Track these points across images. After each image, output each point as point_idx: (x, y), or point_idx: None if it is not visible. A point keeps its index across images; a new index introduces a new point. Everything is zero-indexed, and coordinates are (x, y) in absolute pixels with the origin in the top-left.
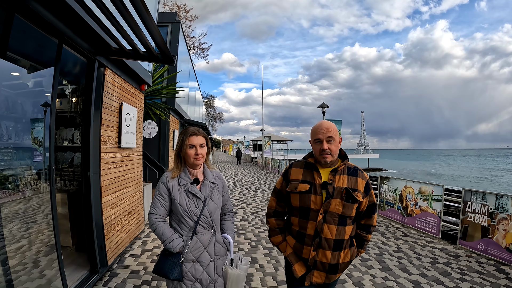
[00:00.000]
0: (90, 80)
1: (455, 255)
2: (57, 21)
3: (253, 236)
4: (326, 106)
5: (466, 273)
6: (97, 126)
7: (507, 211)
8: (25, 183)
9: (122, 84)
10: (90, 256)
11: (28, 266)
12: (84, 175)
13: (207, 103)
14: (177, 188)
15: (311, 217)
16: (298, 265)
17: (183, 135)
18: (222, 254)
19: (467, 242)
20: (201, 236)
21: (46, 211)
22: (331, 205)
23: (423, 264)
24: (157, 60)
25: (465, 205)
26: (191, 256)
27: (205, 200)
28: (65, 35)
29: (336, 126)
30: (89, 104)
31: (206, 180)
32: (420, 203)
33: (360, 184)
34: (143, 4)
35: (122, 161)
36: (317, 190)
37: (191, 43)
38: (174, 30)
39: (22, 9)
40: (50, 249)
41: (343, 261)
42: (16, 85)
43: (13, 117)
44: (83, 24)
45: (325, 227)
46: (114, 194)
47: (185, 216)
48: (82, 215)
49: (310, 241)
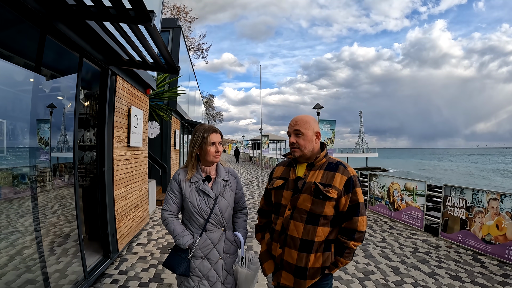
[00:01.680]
0: (104, 87)
1: (436, 245)
2: (79, 39)
3: (249, 228)
4: (321, 107)
5: (443, 261)
6: (110, 127)
7: (482, 205)
8: (51, 179)
9: (130, 90)
10: (103, 243)
11: (56, 249)
12: (100, 171)
13: (207, 102)
14: (188, 186)
15: (280, 212)
16: (268, 263)
17: (203, 132)
18: (232, 252)
19: (447, 234)
20: (211, 234)
21: (70, 203)
22: (298, 200)
23: (404, 253)
24: (164, 70)
25: (445, 199)
26: (200, 253)
27: (216, 198)
28: (85, 50)
29: (330, 126)
30: (104, 108)
31: (218, 178)
32: (406, 198)
33: (337, 180)
34: (154, 28)
35: (130, 159)
36: (289, 186)
37: (191, 44)
38: (175, 35)
39: (52, 31)
40: (73, 235)
41: (312, 265)
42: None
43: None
44: (100, 40)
45: (291, 224)
46: (124, 188)
47: (196, 213)
48: (97, 207)
49: (278, 237)
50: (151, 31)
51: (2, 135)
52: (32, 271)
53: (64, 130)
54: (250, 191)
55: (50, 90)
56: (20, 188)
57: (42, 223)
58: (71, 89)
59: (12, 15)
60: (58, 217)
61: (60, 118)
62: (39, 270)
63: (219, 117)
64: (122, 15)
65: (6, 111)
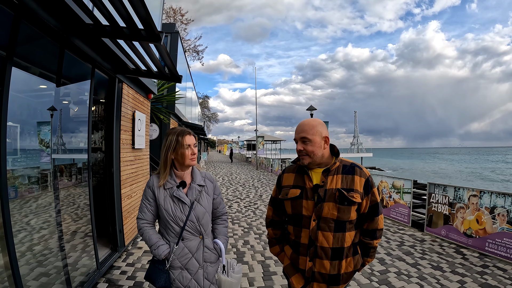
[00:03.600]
0: (111, 94)
1: (421, 239)
2: (91, 52)
3: (245, 225)
4: (314, 108)
5: (427, 254)
6: (118, 131)
7: (463, 201)
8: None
9: (134, 95)
10: (111, 237)
11: (73, 243)
12: (108, 171)
13: (202, 103)
14: (163, 192)
15: (304, 224)
16: (295, 277)
17: (176, 135)
18: (212, 261)
19: (432, 229)
20: (188, 243)
21: (84, 201)
22: (323, 210)
23: (390, 246)
24: (167, 79)
25: (430, 196)
26: (178, 263)
27: (191, 204)
28: (96, 61)
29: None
30: (112, 113)
31: (194, 183)
32: (394, 196)
33: (357, 182)
34: (163, 45)
35: (135, 160)
36: (308, 195)
37: (186, 45)
38: (173, 40)
39: (70, 46)
40: (87, 231)
41: (345, 271)
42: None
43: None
44: (110, 52)
45: (319, 235)
46: (129, 187)
47: (171, 221)
48: (104, 204)
49: (305, 251)
50: (159, 48)
51: (26, 138)
52: (52, 262)
53: (78, 133)
54: (246, 191)
55: (67, 98)
56: (42, 186)
57: (63, 219)
58: (85, 97)
59: (34, 32)
60: (75, 214)
61: (76, 123)
62: (60, 261)
63: (215, 117)
64: (134, 34)
65: (26, 116)
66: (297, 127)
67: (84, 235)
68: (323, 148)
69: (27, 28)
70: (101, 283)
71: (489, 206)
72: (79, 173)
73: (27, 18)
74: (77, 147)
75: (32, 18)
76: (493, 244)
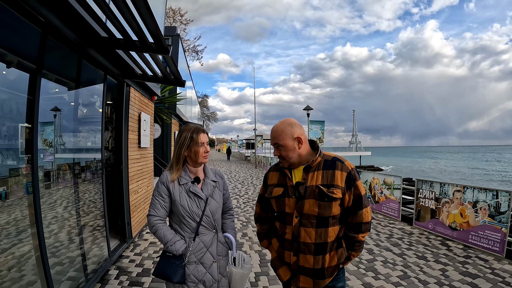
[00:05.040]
0: (120, 97)
1: (409, 233)
2: (104, 60)
3: (244, 219)
4: (310, 108)
5: (413, 245)
6: (126, 131)
7: (448, 196)
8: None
9: (140, 98)
10: (120, 230)
11: (88, 234)
12: (118, 168)
13: (201, 102)
14: (178, 188)
15: (287, 221)
16: (282, 269)
17: (191, 132)
18: (224, 254)
19: (420, 223)
20: (203, 237)
21: (98, 196)
22: (304, 207)
23: (379, 238)
24: (172, 83)
25: (418, 192)
26: (193, 258)
27: (206, 199)
28: (108, 68)
29: (319, 126)
30: (121, 115)
31: (207, 179)
32: (385, 192)
33: (338, 177)
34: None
35: (140, 158)
36: (289, 193)
37: (186, 45)
38: (174, 43)
39: (86, 56)
40: (101, 222)
41: (329, 265)
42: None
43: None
44: (120, 60)
45: (302, 231)
46: (136, 183)
47: (187, 217)
48: (113, 199)
49: (290, 246)
50: (167, 58)
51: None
52: (73, 250)
53: (93, 134)
54: (245, 188)
55: (84, 104)
56: (64, 182)
57: (82, 212)
58: (98, 101)
59: (57, 45)
60: (92, 207)
61: (91, 124)
62: (78, 249)
63: (214, 116)
64: (145, 47)
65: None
66: (270, 132)
67: (99, 226)
68: (297, 148)
69: (52, 42)
70: (112, 270)
71: (472, 201)
72: (95, 170)
73: (52, 34)
74: (92, 146)
75: (56, 34)
76: (476, 236)
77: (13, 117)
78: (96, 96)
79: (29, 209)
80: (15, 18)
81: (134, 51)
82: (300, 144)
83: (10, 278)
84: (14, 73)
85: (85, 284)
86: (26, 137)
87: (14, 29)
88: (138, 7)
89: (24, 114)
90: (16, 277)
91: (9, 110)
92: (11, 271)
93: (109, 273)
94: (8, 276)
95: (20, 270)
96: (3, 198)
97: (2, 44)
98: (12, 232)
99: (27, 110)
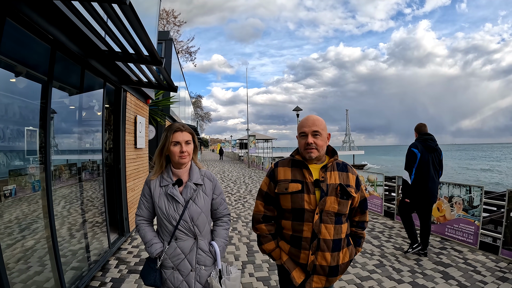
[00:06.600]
0: (118, 102)
1: (390, 227)
2: (104, 69)
3: (235, 215)
4: (300, 109)
5: (393, 238)
6: (123, 133)
7: None
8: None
9: (136, 101)
10: (119, 224)
11: (91, 227)
12: (116, 167)
13: (195, 103)
14: (158, 190)
15: (306, 218)
16: (296, 271)
17: (167, 131)
18: (207, 264)
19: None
20: (181, 243)
21: (99, 193)
22: (326, 204)
23: None
24: (165, 89)
25: (398, 188)
26: (170, 263)
27: (186, 203)
28: (107, 76)
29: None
30: (119, 118)
31: (190, 182)
32: (369, 189)
33: (351, 179)
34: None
35: (136, 158)
36: (309, 189)
37: (179, 47)
38: (167, 47)
39: (88, 66)
40: (103, 216)
41: (342, 261)
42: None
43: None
44: (118, 69)
45: (322, 228)
46: (132, 181)
47: (164, 220)
48: (111, 196)
49: (308, 245)
50: (160, 68)
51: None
52: (76, 242)
53: (93, 135)
54: (237, 187)
55: (86, 109)
56: (71, 177)
57: (86, 208)
58: (98, 106)
59: (63, 58)
60: (94, 203)
61: (92, 127)
62: (81, 242)
63: (208, 117)
64: (141, 59)
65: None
66: (305, 120)
67: (100, 221)
68: (326, 144)
69: (59, 55)
70: (112, 260)
71: (448, 196)
72: (96, 170)
73: (60, 49)
74: (93, 147)
75: (62, 49)
76: (452, 229)
77: (28, 122)
78: (95, 100)
79: (42, 201)
80: (29, 37)
81: (132, 62)
82: (328, 140)
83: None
84: (28, 83)
85: (87, 272)
86: (39, 140)
87: (28, 46)
88: (133, 24)
89: (37, 118)
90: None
91: (24, 115)
92: (27, 262)
93: (109, 263)
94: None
95: (36, 261)
96: (33, 190)
97: (17, 58)
98: (30, 225)
99: (40, 115)
